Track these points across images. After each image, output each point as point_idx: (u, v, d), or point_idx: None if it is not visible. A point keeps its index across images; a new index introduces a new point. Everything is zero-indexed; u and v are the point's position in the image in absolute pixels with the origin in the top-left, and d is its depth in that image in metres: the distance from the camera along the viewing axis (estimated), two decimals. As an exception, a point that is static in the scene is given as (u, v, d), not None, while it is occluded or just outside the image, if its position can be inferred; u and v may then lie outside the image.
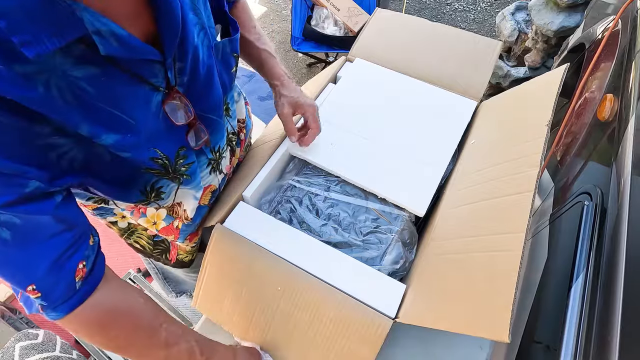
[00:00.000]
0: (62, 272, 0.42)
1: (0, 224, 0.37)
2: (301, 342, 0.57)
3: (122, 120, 0.42)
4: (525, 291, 0.77)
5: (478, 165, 0.68)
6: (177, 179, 0.55)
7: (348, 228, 0.68)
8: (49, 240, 0.41)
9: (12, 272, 0.41)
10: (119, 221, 0.68)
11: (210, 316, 0.65)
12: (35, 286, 0.41)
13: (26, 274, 0.41)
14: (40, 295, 0.42)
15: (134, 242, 0.74)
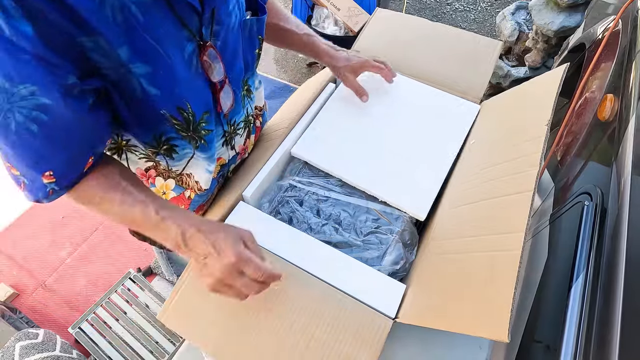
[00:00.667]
0: (77, 164, 0.47)
1: (31, 119, 0.40)
2: (292, 351, 0.53)
3: (160, 55, 0.45)
4: (525, 291, 0.77)
5: (478, 165, 0.68)
6: (195, 141, 0.57)
7: (348, 228, 0.68)
8: (72, 140, 0.45)
9: (33, 159, 0.44)
10: None
11: (180, 329, 0.57)
12: (52, 172, 0.45)
13: (46, 162, 0.45)
14: (55, 181, 0.46)
15: None
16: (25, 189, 0.48)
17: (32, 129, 0.41)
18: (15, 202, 1.82)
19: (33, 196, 0.48)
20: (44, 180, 0.46)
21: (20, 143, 0.42)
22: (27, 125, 0.40)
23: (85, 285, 1.59)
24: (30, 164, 0.45)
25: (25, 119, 0.40)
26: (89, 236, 1.72)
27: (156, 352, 1.39)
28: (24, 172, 0.46)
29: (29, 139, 0.42)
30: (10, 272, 1.63)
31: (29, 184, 0.47)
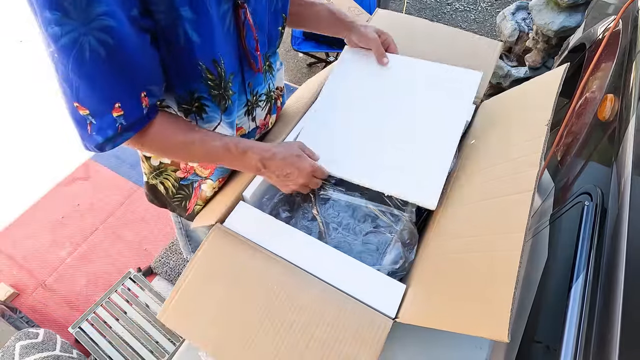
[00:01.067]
0: (138, 98, 0.51)
1: (101, 42, 0.43)
2: (292, 350, 0.54)
3: (203, 4, 0.49)
4: (526, 291, 0.77)
5: (478, 165, 0.68)
6: (224, 101, 0.62)
7: (348, 228, 0.68)
8: (134, 68, 0.49)
9: (102, 88, 0.47)
10: (152, 158, 0.75)
11: (179, 329, 0.58)
12: (120, 104, 0.49)
13: (114, 92, 0.48)
14: (123, 114, 0.50)
15: (160, 182, 0.78)
16: (93, 130, 0.50)
17: (101, 53, 0.44)
18: (16, 202, 1.82)
19: (101, 137, 0.51)
20: (114, 114, 0.49)
21: (93, 72, 0.45)
22: (98, 50, 0.44)
23: (86, 285, 1.59)
24: (101, 96, 0.48)
25: (96, 42, 0.43)
26: (89, 236, 1.72)
27: (156, 352, 1.39)
28: (93, 109, 0.48)
29: (100, 66, 0.45)
30: (11, 271, 1.63)
31: (98, 123, 0.50)
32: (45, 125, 2.13)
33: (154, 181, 0.79)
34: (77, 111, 0.49)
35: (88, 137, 0.51)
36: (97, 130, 0.50)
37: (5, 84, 2.34)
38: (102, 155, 2.00)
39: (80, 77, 0.45)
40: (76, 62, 0.44)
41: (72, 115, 0.50)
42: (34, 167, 1.96)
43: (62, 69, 0.45)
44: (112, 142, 0.52)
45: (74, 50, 0.43)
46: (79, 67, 0.44)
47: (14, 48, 2.54)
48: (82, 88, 0.46)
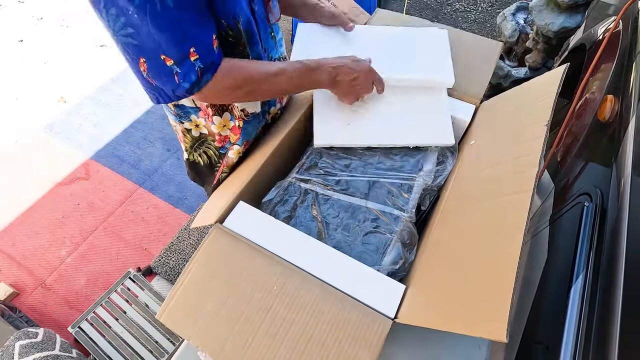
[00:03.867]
0: (208, 41, 0.57)
1: None
2: (291, 350, 0.54)
3: None
4: (525, 291, 0.77)
5: (478, 165, 0.68)
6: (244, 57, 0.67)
7: (347, 228, 0.68)
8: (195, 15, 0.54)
9: (174, 33, 0.53)
10: (193, 130, 0.80)
11: (178, 329, 0.58)
12: (195, 48, 0.56)
13: (187, 36, 0.54)
14: (199, 57, 0.56)
15: (200, 154, 0.84)
16: (180, 78, 0.57)
17: (169, 3, 0.50)
18: (16, 201, 1.82)
19: (188, 82, 0.57)
20: (191, 58, 0.56)
21: (166, 22, 0.52)
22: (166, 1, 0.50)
23: (85, 285, 1.59)
24: (177, 43, 0.54)
25: None
26: (89, 235, 1.72)
27: (156, 352, 1.39)
28: (176, 57, 0.55)
29: (169, 15, 0.51)
30: (10, 271, 1.63)
31: (182, 70, 0.56)
32: (45, 125, 2.13)
33: (195, 155, 0.84)
34: (165, 64, 0.55)
35: (177, 86, 0.58)
36: (183, 77, 0.57)
37: (6, 83, 2.34)
38: (102, 155, 2.00)
39: (159, 29, 0.52)
40: (152, 16, 0.50)
41: (161, 71, 0.56)
42: (34, 167, 1.96)
43: (144, 30, 0.52)
44: (197, 85, 0.59)
45: (147, 6, 0.49)
46: (156, 20, 0.51)
47: (15, 48, 2.54)
48: (162, 39, 0.53)
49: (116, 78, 2.35)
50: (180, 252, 1.64)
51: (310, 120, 0.82)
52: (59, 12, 2.78)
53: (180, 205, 1.82)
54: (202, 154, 0.84)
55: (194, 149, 0.84)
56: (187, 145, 0.84)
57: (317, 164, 0.76)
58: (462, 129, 0.84)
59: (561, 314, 0.62)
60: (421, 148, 0.78)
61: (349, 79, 0.72)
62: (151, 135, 2.09)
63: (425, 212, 0.75)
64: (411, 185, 0.73)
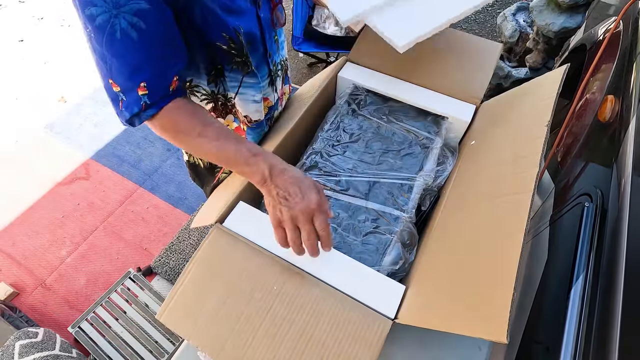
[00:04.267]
0: (164, 79, 0.55)
1: (132, 24, 0.49)
2: (291, 350, 0.54)
3: None
4: (525, 292, 0.76)
5: (478, 166, 0.68)
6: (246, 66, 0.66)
7: (347, 228, 0.68)
8: (162, 50, 0.53)
9: (130, 69, 0.52)
10: None
11: (178, 329, 0.57)
12: (146, 84, 0.54)
13: (141, 72, 0.53)
14: (147, 93, 0.54)
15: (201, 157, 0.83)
16: (123, 106, 0.56)
17: (132, 35, 0.49)
18: (16, 201, 1.82)
19: (129, 112, 0.56)
20: (139, 92, 0.54)
21: (122, 52, 0.50)
22: (129, 31, 0.49)
23: (85, 285, 1.59)
24: (128, 74, 0.52)
25: (127, 25, 0.49)
26: (89, 235, 1.72)
27: (155, 352, 1.39)
28: (123, 86, 0.54)
29: (129, 45, 0.50)
30: (10, 270, 1.63)
31: (127, 99, 0.55)
32: (45, 125, 2.13)
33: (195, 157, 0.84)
34: (111, 88, 0.54)
35: (120, 112, 0.57)
36: (125, 107, 0.55)
37: (6, 83, 2.34)
38: (102, 155, 2.00)
39: (113, 55, 0.51)
40: (108, 41, 0.49)
41: (107, 92, 0.56)
42: (35, 166, 1.96)
43: (98, 49, 0.51)
44: (138, 118, 0.57)
45: (106, 30, 0.48)
46: (111, 46, 0.50)
47: (15, 48, 2.54)
48: (114, 66, 0.52)
49: (116, 78, 2.35)
50: (180, 252, 1.64)
51: (310, 120, 0.82)
52: (59, 12, 2.78)
53: (181, 205, 1.82)
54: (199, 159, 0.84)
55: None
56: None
57: (317, 164, 0.76)
58: (462, 130, 0.84)
59: (561, 315, 0.62)
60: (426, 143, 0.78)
61: (279, 191, 0.56)
62: (151, 135, 2.09)
63: (426, 212, 0.75)
64: (411, 186, 0.73)
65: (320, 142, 0.80)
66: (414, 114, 0.85)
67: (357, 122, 0.83)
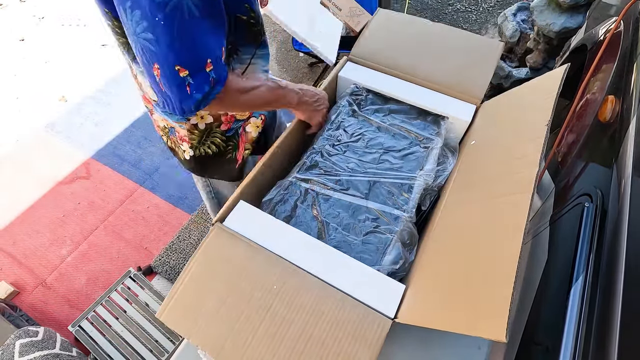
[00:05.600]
0: (220, 51, 0.59)
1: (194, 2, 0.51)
2: (291, 349, 0.54)
3: None
4: (525, 292, 0.77)
5: (478, 165, 0.68)
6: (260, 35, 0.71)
7: (347, 228, 0.68)
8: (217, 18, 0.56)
9: (198, 45, 0.55)
10: (199, 122, 0.80)
11: (178, 328, 0.58)
12: (211, 59, 0.57)
13: (206, 48, 0.56)
14: (213, 69, 0.58)
15: (210, 144, 0.85)
16: (192, 89, 0.58)
17: (196, 13, 0.52)
18: (17, 200, 1.82)
19: (200, 93, 0.58)
20: (207, 69, 0.57)
21: (192, 31, 0.53)
22: (193, 9, 0.51)
23: (86, 284, 1.59)
24: (197, 53, 0.55)
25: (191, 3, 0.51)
26: (90, 235, 1.72)
27: (156, 351, 1.39)
28: (192, 67, 0.56)
29: (196, 23, 0.53)
30: (11, 269, 1.63)
31: (195, 81, 0.57)
32: (46, 124, 2.13)
33: (202, 148, 0.85)
34: (177, 75, 0.55)
35: (188, 97, 0.58)
36: (195, 88, 0.58)
37: (7, 83, 2.34)
38: (103, 154, 2.00)
39: (182, 37, 0.53)
40: (179, 23, 0.51)
41: (170, 82, 0.56)
42: (35, 166, 1.96)
43: (166, 39, 0.52)
44: (206, 100, 0.60)
45: (177, 15, 0.50)
46: (182, 28, 0.51)
47: (16, 47, 2.54)
48: (183, 50, 0.54)
49: (117, 77, 2.35)
50: (180, 251, 1.65)
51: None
52: (60, 11, 2.78)
53: (181, 205, 1.83)
54: (210, 145, 0.85)
55: (201, 142, 0.85)
56: (194, 142, 0.85)
57: (317, 164, 0.76)
58: (463, 129, 0.84)
59: (561, 315, 0.62)
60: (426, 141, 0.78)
61: (311, 100, 0.79)
62: (152, 134, 2.09)
63: (426, 212, 0.75)
64: (411, 185, 0.73)
65: (320, 141, 0.80)
66: (414, 114, 0.85)
67: (358, 122, 0.83)
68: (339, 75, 0.90)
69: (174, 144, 0.88)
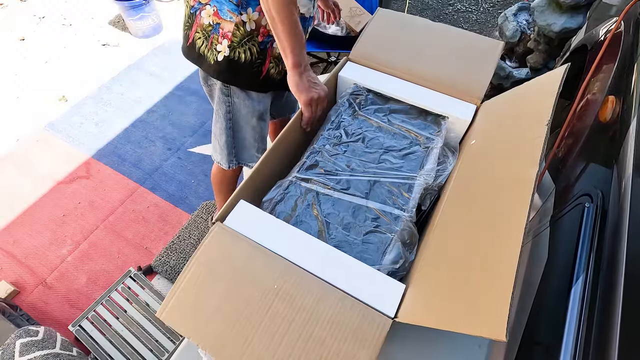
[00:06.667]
0: None
1: None
2: (291, 348, 0.54)
3: None
4: (525, 292, 0.76)
5: (478, 165, 0.68)
6: None
7: (348, 227, 0.68)
8: None
9: None
10: (247, 23, 0.89)
11: (178, 327, 0.58)
12: None
13: None
14: None
15: (246, 50, 0.93)
16: None
17: None
18: (17, 200, 1.82)
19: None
20: None
21: None
22: None
23: (86, 283, 1.60)
24: None
25: None
26: (90, 234, 1.72)
27: (156, 351, 1.40)
28: None
29: None
30: (11, 269, 1.63)
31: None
32: (46, 124, 2.13)
33: (239, 51, 0.93)
34: None
35: None
36: None
37: (7, 82, 2.34)
38: (103, 154, 2.00)
39: None
40: None
41: None
42: (35, 165, 1.96)
43: None
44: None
45: None
46: None
47: (16, 47, 2.54)
48: None
49: (117, 77, 2.36)
50: (180, 251, 1.65)
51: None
52: (60, 11, 2.78)
53: (181, 204, 1.83)
54: (247, 50, 0.92)
55: (242, 44, 0.92)
56: (236, 40, 0.91)
57: (317, 164, 0.76)
58: (463, 129, 0.84)
59: (561, 315, 0.62)
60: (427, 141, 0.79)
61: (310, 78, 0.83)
62: (152, 134, 2.09)
63: (426, 211, 0.75)
64: (412, 185, 0.73)
65: (321, 141, 0.80)
66: (414, 114, 0.85)
67: (358, 122, 0.83)
68: (339, 75, 0.90)
69: (209, 46, 0.95)
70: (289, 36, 0.79)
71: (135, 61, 2.44)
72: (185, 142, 2.06)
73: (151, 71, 2.39)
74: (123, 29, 2.64)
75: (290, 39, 0.79)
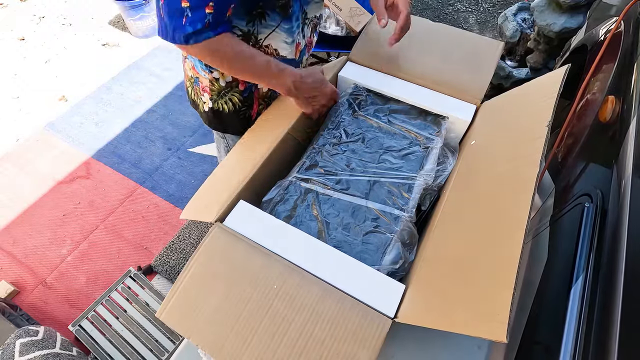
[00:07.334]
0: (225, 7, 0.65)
1: None
2: (290, 349, 0.54)
3: None
4: (525, 292, 0.77)
5: (478, 166, 0.68)
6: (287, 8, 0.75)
7: (347, 227, 0.68)
8: None
9: None
10: (221, 78, 0.86)
11: (178, 327, 0.58)
12: (213, 4, 0.62)
13: None
14: (212, 12, 0.63)
15: (227, 101, 0.91)
16: (187, 22, 0.63)
17: None
18: (17, 200, 1.82)
19: (191, 28, 0.63)
20: (207, 10, 0.62)
21: None
22: None
23: (86, 283, 1.60)
24: None
25: None
26: (90, 234, 1.72)
27: (156, 350, 1.40)
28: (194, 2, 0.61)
29: None
30: (11, 269, 1.63)
31: (192, 15, 0.62)
32: (46, 124, 2.13)
33: (220, 103, 0.90)
34: (179, 3, 0.61)
35: (181, 27, 0.63)
36: (190, 22, 0.62)
37: (7, 82, 2.34)
38: (103, 154, 2.00)
39: None
40: None
41: (170, 6, 0.62)
42: (35, 165, 1.96)
43: None
44: (195, 36, 0.64)
45: None
46: None
47: (16, 46, 2.54)
48: None
49: (117, 77, 2.35)
50: (180, 251, 1.65)
51: (311, 118, 0.82)
52: (60, 11, 2.78)
53: (181, 204, 1.83)
54: (227, 101, 0.90)
55: (220, 96, 0.89)
56: (213, 94, 0.89)
57: (317, 164, 0.76)
58: (463, 129, 0.84)
59: (561, 315, 0.62)
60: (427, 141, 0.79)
61: (306, 96, 0.78)
62: (152, 134, 2.09)
63: (426, 212, 0.75)
64: (411, 185, 0.73)
65: (321, 141, 0.80)
66: (414, 114, 0.85)
67: (358, 122, 0.83)
68: (339, 75, 0.90)
69: (196, 95, 0.94)
70: (259, 77, 0.77)
71: (135, 61, 2.44)
72: (185, 142, 2.06)
73: (151, 71, 2.39)
74: (123, 29, 2.64)
75: (262, 77, 0.77)
